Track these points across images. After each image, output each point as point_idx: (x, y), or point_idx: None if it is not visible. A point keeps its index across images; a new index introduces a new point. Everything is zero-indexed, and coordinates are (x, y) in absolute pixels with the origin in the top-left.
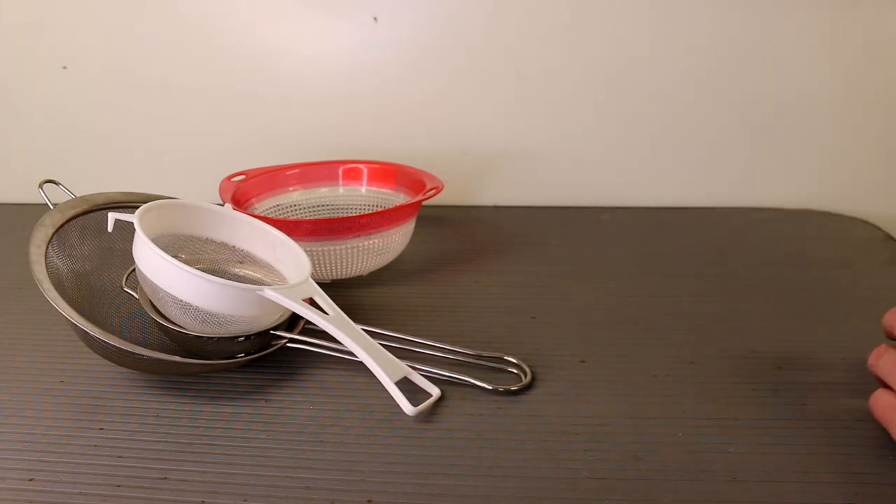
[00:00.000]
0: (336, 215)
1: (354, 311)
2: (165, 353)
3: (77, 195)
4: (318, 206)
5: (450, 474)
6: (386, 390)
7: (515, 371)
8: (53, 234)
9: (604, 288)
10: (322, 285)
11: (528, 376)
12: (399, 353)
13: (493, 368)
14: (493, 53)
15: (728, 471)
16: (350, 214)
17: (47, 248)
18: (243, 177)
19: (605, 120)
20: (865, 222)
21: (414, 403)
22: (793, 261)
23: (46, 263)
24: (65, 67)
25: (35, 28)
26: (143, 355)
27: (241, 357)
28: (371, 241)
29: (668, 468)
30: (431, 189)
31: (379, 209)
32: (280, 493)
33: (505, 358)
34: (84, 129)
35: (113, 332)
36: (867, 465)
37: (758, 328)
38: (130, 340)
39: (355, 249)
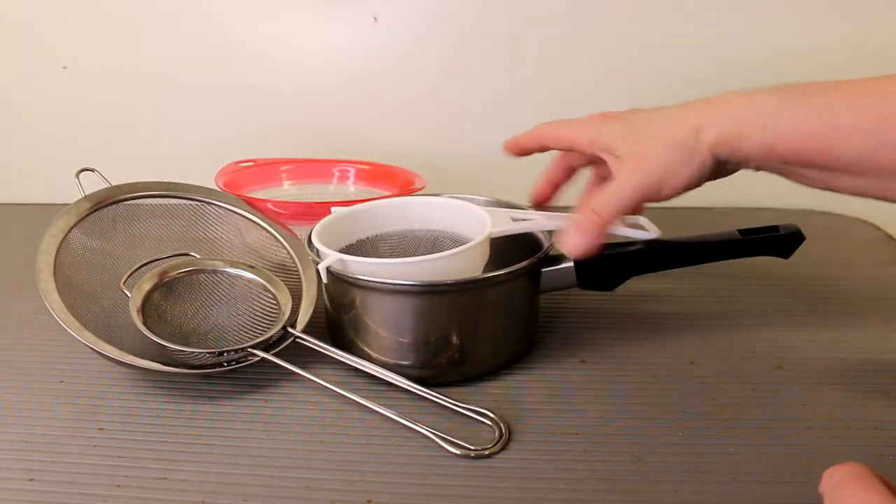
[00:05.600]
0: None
1: None
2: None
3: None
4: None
5: (449, 474)
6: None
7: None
8: (62, 239)
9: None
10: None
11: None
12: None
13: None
14: (494, 53)
15: (728, 471)
16: None
17: (58, 249)
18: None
19: None
20: (865, 222)
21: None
22: (793, 261)
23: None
24: (65, 67)
25: (35, 28)
26: (124, 362)
27: (230, 365)
28: None
29: (668, 468)
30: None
31: None
32: (280, 493)
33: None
34: (83, 130)
35: (113, 331)
36: (867, 465)
37: (758, 328)
38: (129, 341)
39: None
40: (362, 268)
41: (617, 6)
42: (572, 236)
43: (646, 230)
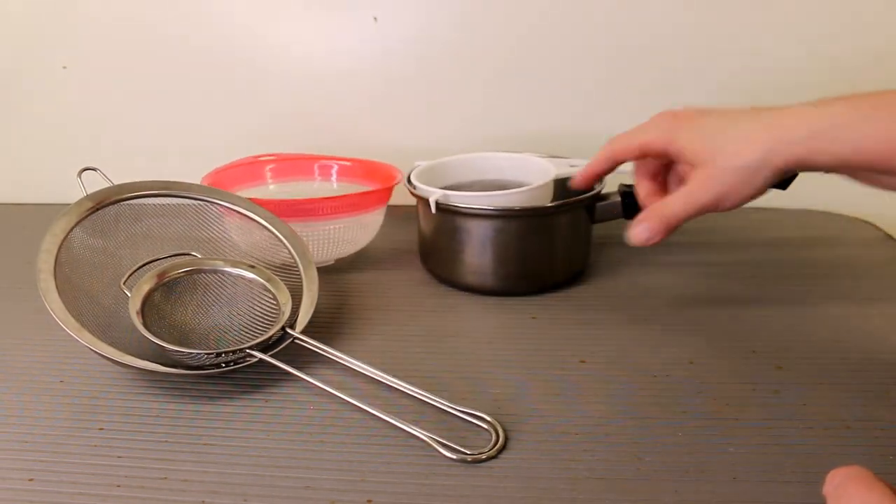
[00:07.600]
0: None
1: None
2: (148, 359)
3: (87, 193)
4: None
5: (450, 474)
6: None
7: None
8: (63, 238)
9: (604, 287)
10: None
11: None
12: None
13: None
14: (493, 53)
15: (728, 471)
16: None
17: (58, 250)
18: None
19: (606, 119)
20: (865, 222)
21: None
22: (793, 261)
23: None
24: (65, 67)
25: (35, 28)
26: (124, 363)
27: (229, 366)
28: (330, 227)
29: (668, 468)
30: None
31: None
32: (280, 493)
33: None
34: (83, 130)
35: (113, 331)
36: (867, 465)
37: (758, 328)
38: (129, 341)
39: (323, 233)
40: (465, 200)
41: (616, 6)
42: (641, 231)
43: None
